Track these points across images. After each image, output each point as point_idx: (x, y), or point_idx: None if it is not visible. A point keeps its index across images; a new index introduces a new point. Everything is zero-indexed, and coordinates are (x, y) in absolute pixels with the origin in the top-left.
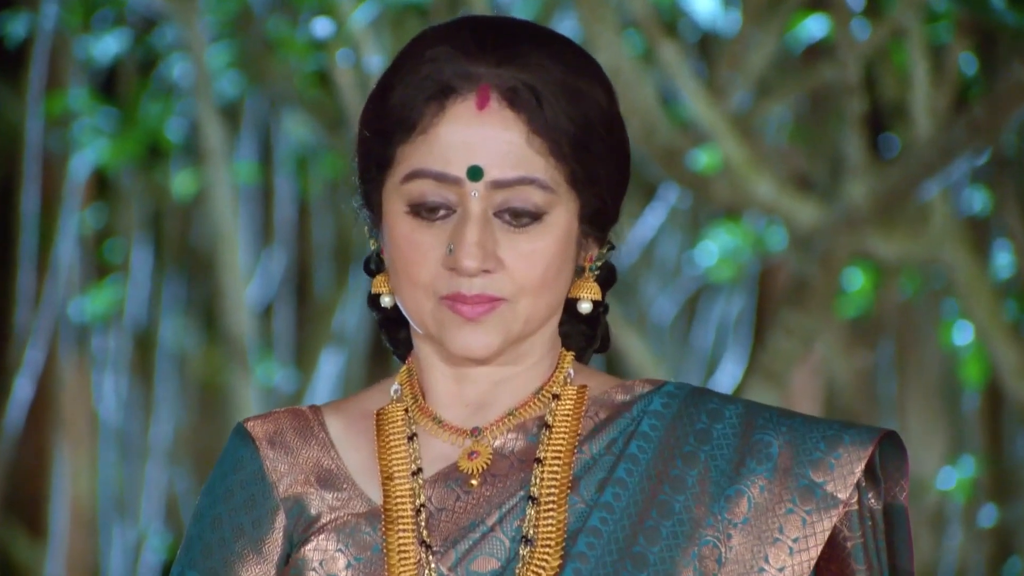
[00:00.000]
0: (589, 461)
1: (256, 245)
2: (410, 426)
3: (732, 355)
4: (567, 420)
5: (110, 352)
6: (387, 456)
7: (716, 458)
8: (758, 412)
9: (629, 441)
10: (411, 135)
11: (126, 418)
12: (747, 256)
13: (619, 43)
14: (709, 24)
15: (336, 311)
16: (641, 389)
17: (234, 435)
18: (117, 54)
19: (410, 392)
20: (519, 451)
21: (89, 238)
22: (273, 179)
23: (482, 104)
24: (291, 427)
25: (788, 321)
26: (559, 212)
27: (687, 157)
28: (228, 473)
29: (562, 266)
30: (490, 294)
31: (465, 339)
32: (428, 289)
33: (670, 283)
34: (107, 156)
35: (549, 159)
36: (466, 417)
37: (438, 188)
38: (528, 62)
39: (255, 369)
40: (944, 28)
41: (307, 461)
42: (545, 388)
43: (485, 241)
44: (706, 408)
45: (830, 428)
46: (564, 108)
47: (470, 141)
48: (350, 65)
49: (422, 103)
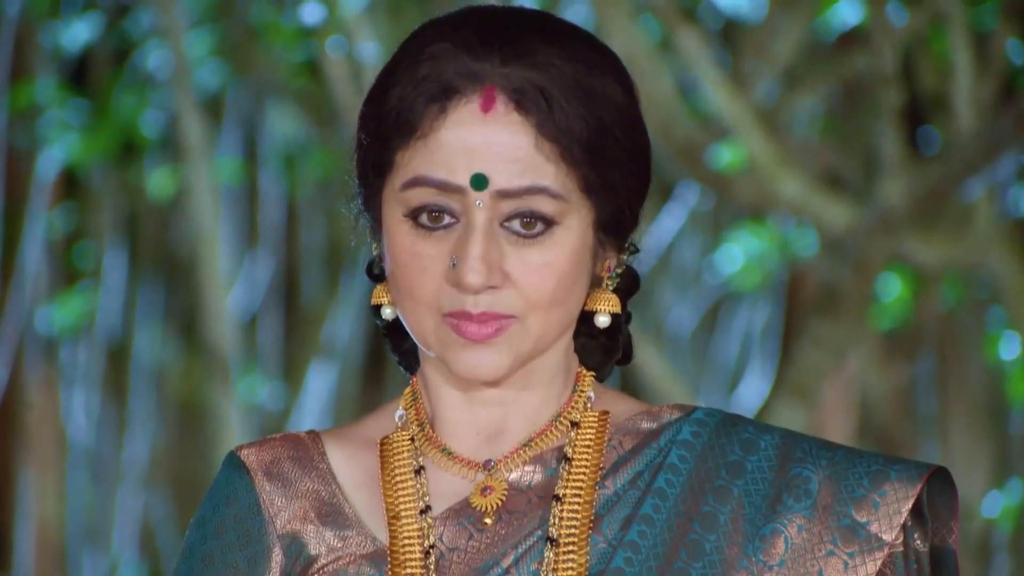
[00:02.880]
0: (612, 497)
1: (239, 249)
2: (417, 458)
3: (757, 370)
4: (588, 451)
5: (80, 366)
6: (393, 492)
7: (751, 493)
8: (796, 443)
9: (656, 474)
10: (410, 139)
11: (97, 438)
12: (773, 262)
13: (634, 30)
14: (732, 9)
15: (326, 321)
16: (669, 416)
17: (227, 465)
18: (88, 42)
19: (416, 418)
20: (536, 486)
21: (58, 242)
22: (258, 178)
23: (487, 106)
24: (288, 456)
25: (818, 333)
26: (571, 222)
27: (708, 154)
28: (220, 506)
29: (576, 279)
30: (497, 311)
31: (471, 361)
32: (431, 305)
33: (689, 291)
34: (77, 153)
35: (560, 165)
36: (478, 447)
37: (440, 197)
38: (537, 60)
39: (238, 384)
40: (988, 12)
41: (306, 494)
42: (563, 414)
43: (490, 255)
44: (740, 438)
45: (875, 463)
46: (576, 110)
47: (474, 147)
48: (342, 55)
49: (422, 105)
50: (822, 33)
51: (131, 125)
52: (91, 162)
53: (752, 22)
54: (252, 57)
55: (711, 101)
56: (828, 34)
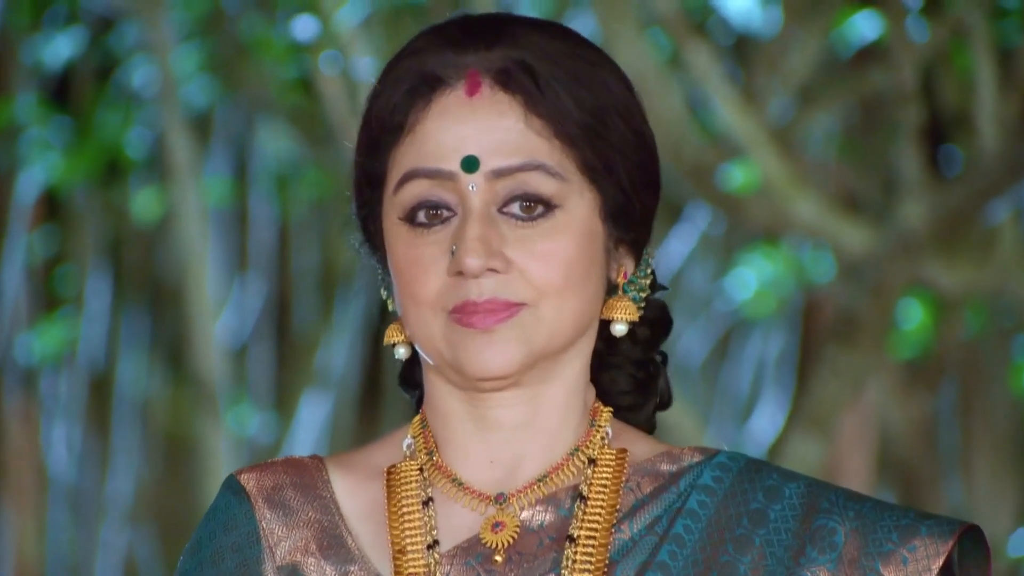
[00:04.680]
0: (628, 542)
1: (228, 274)
2: (425, 489)
3: (770, 401)
4: (604, 491)
5: (61, 397)
6: (399, 526)
7: (773, 544)
8: (823, 493)
9: (675, 520)
10: (400, 137)
11: (79, 473)
12: (788, 287)
13: (642, 45)
14: (744, 23)
15: (320, 348)
16: (690, 459)
17: (225, 489)
18: (70, 57)
19: (424, 447)
20: (549, 526)
21: (38, 267)
22: (248, 199)
23: (472, 90)
24: (291, 483)
25: (835, 362)
26: (574, 204)
27: (719, 174)
28: (218, 532)
29: (588, 270)
30: (505, 298)
31: (481, 355)
32: (435, 306)
33: (700, 317)
34: (58, 173)
35: (553, 142)
36: (490, 478)
37: (434, 189)
38: (521, 42)
39: (227, 416)
40: (1013, 26)
41: (308, 524)
42: (581, 448)
43: (488, 237)
44: (763, 485)
45: (904, 517)
46: (567, 87)
47: (462, 132)
48: (336, 71)
49: (406, 99)
50: (839, 48)
51: (115, 144)
52: (73, 183)
53: (765, 36)
54: (242, 73)
55: (722, 119)
56: (845, 49)
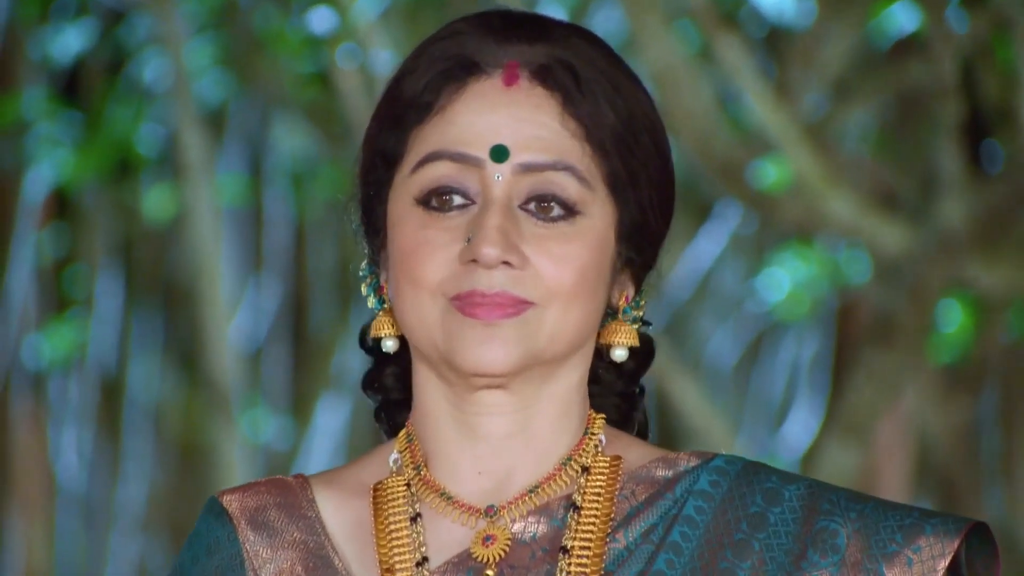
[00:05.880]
0: (623, 552)
1: (243, 275)
2: (413, 504)
3: (804, 406)
4: (598, 500)
5: (70, 402)
6: (386, 544)
7: (772, 548)
8: (824, 495)
9: (671, 527)
10: (426, 116)
11: (89, 480)
12: (822, 288)
13: (670, 38)
14: (777, 14)
15: (336, 351)
16: (686, 464)
17: (207, 512)
18: (80, 51)
19: (411, 461)
20: (542, 538)
21: (47, 267)
22: (263, 198)
23: (510, 81)
24: (275, 503)
25: (871, 366)
26: (594, 214)
27: (750, 171)
28: (200, 557)
29: (598, 282)
30: (515, 294)
31: (478, 348)
32: (435, 291)
33: (730, 319)
34: (68, 171)
35: (585, 146)
36: (479, 490)
37: (455, 173)
38: (564, 42)
39: (241, 421)
40: None
41: (293, 545)
42: (574, 457)
43: (508, 229)
44: (762, 488)
45: (908, 516)
46: (605, 93)
47: (494, 120)
48: (354, 64)
49: (439, 80)
50: (875, 40)
51: (126, 141)
52: (83, 181)
53: (799, 28)
54: (257, 67)
55: (754, 114)
56: (882, 41)
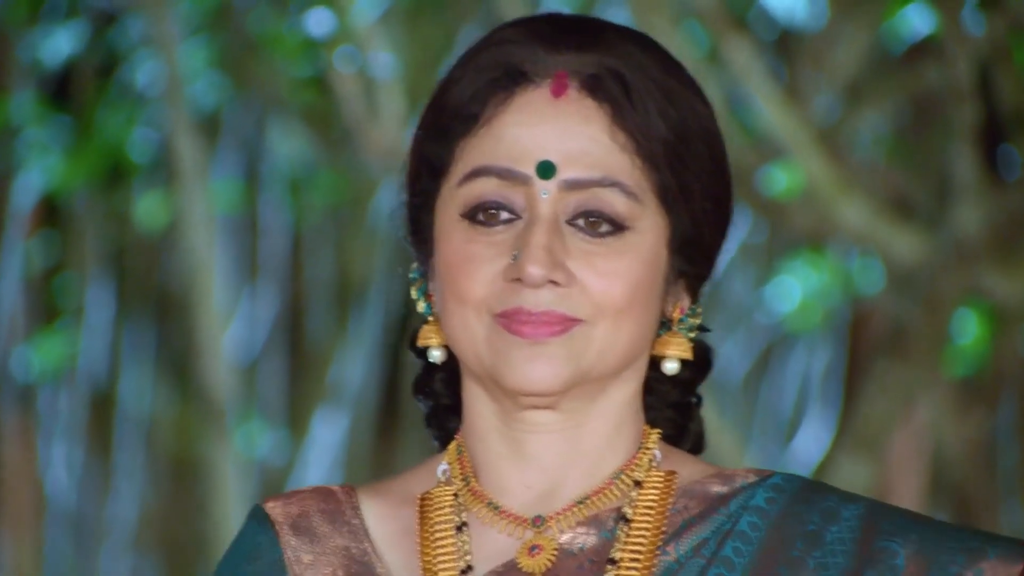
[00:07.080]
0: (673, 565)
1: (238, 284)
2: (460, 514)
3: (816, 419)
4: (650, 513)
5: (60, 415)
6: (431, 551)
7: (828, 567)
8: (884, 515)
9: (723, 542)
10: (473, 127)
11: (79, 495)
12: (834, 298)
13: (678, 39)
14: (788, 15)
15: (334, 363)
16: (743, 480)
17: (251, 518)
18: (70, 53)
19: (460, 472)
20: (590, 549)
21: (36, 276)
22: (258, 205)
23: (558, 91)
24: (319, 510)
25: (885, 378)
26: (644, 228)
27: (760, 176)
28: (241, 563)
29: (649, 297)
30: (562, 312)
31: (526, 367)
32: (480, 307)
33: (740, 330)
34: (58, 177)
35: (635, 160)
36: (527, 502)
37: (502, 189)
38: (615, 50)
39: (235, 435)
40: None
41: (336, 551)
42: (626, 471)
43: (554, 247)
44: (820, 507)
45: (972, 539)
46: (656, 104)
47: (541, 134)
48: (353, 68)
49: (486, 90)
50: (889, 43)
51: (118, 146)
52: (73, 187)
53: (810, 30)
54: (253, 71)
55: (764, 118)
56: (896, 44)
